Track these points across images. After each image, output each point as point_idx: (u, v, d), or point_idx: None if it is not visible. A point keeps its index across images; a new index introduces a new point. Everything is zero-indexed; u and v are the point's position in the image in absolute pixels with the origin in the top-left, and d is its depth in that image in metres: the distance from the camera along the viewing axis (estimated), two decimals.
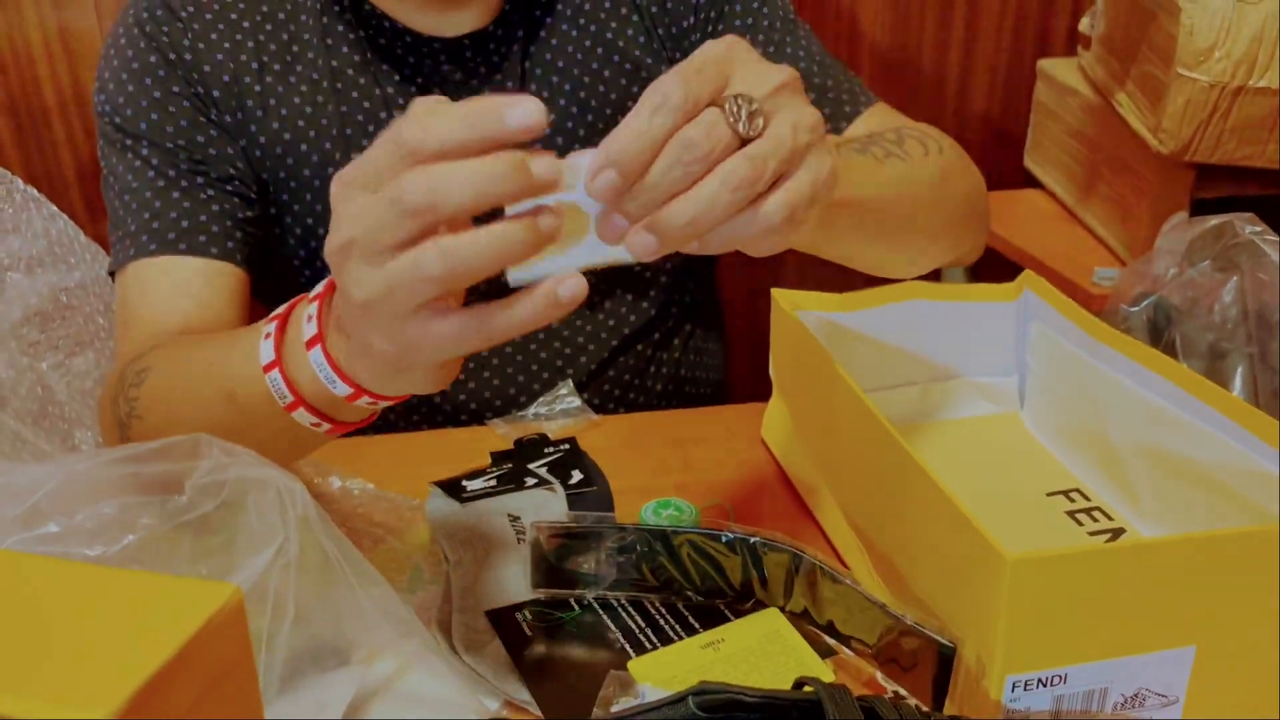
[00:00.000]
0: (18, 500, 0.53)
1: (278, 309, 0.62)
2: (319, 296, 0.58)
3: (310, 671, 0.56)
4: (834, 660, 0.62)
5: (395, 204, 0.49)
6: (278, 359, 0.60)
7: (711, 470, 0.83)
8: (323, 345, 0.57)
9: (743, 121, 0.51)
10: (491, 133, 0.48)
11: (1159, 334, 0.88)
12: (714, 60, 0.52)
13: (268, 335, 0.61)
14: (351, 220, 0.51)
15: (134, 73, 0.89)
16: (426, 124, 0.48)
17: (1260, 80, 1.16)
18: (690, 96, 0.50)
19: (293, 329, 0.60)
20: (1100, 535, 0.74)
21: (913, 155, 0.76)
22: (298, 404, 0.60)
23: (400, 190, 0.48)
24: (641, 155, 0.49)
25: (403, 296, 0.50)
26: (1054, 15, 1.69)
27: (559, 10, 0.95)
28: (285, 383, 0.60)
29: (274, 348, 0.60)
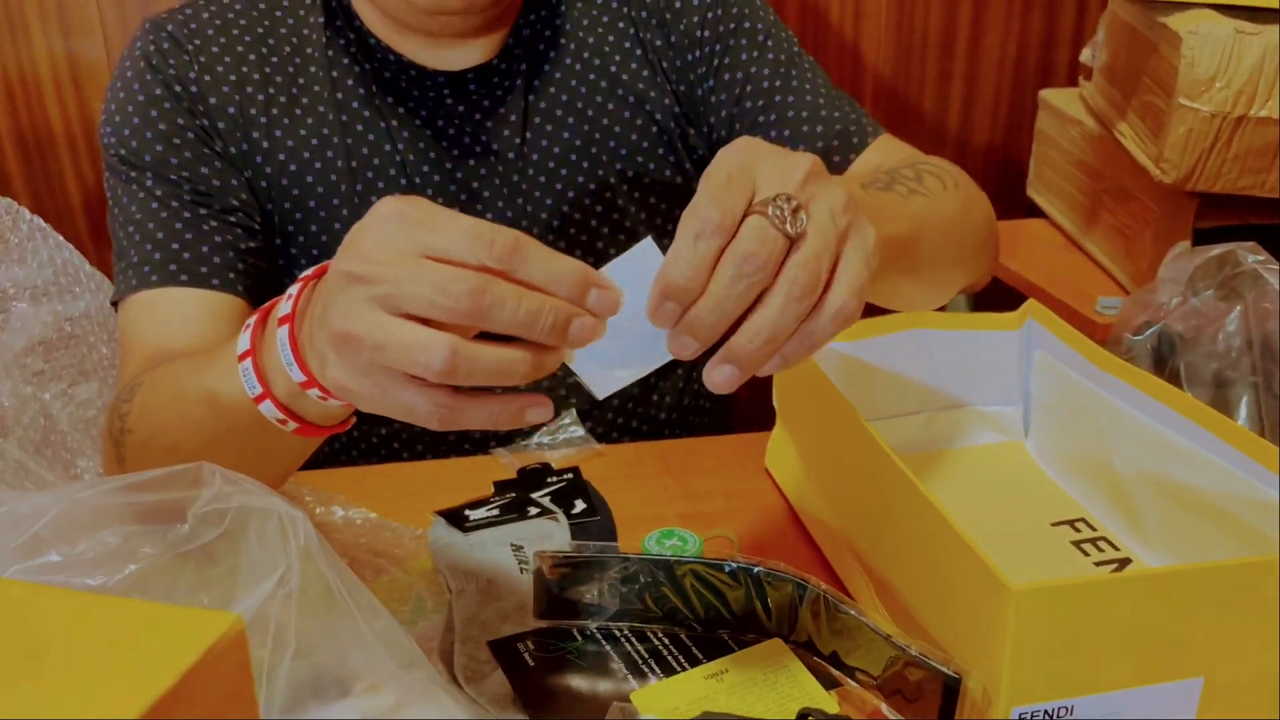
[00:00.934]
0: (19, 529, 0.53)
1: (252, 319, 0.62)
2: (307, 279, 0.58)
3: (311, 702, 0.56)
4: (839, 691, 0.62)
5: (449, 289, 0.49)
6: (252, 348, 0.60)
7: (715, 500, 0.83)
8: (291, 325, 0.57)
9: (788, 222, 0.51)
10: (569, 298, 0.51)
11: (1163, 363, 0.88)
12: (738, 169, 0.53)
13: (248, 326, 0.61)
14: (392, 261, 0.50)
15: (140, 105, 0.89)
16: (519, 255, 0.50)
17: (1261, 110, 1.16)
18: (727, 214, 0.51)
19: (272, 316, 0.60)
20: (1106, 565, 0.73)
21: (933, 191, 0.77)
22: (264, 396, 0.60)
23: (469, 285, 0.49)
24: (695, 281, 0.51)
25: (392, 357, 0.51)
26: (1055, 46, 1.70)
27: (563, 45, 0.96)
28: (255, 373, 0.60)
29: (250, 338, 0.60)
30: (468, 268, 0.50)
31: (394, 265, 0.50)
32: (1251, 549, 0.65)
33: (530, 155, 0.95)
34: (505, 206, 0.95)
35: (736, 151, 0.54)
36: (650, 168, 0.97)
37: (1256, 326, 0.85)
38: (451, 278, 0.49)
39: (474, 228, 0.50)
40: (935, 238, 0.75)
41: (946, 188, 0.79)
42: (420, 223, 0.51)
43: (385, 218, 0.52)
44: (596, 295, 0.52)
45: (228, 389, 0.62)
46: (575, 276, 0.51)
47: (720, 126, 0.97)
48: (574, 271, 0.51)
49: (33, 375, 1.08)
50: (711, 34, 0.96)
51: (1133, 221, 1.37)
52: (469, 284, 0.49)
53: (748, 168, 0.53)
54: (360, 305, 0.51)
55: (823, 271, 0.52)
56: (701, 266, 0.51)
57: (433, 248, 0.50)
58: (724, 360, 0.52)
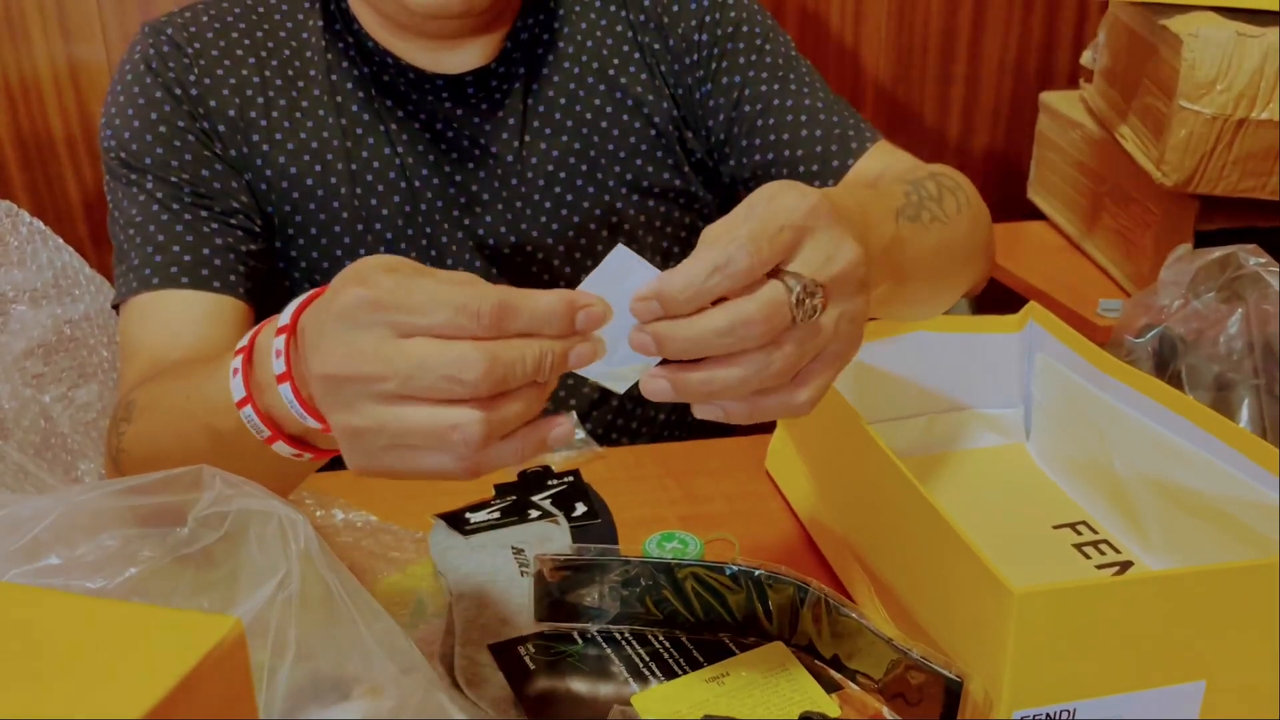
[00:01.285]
0: (19, 532, 0.53)
1: (243, 339, 0.61)
2: (285, 330, 0.56)
3: (311, 706, 0.56)
4: (840, 695, 0.62)
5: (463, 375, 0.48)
6: (249, 395, 0.59)
7: (716, 502, 0.83)
8: (292, 383, 0.56)
9: (804, 314, 0.51)
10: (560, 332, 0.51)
11: (1164, 365, 0.88)
12: (791, 226, 0.52)
13: (235, 371, 0.59)
14: (377, 357, 0.50)
15: (140, 108, 0.89)
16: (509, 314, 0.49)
17: (1262, 113, 1.16)
18: (756, 268, 0.51)
19: (259, 362, 0.59)
20: (1108, 568, 0.73)
21: (950, 215, 0.77)
22: (276, 437, 0.60)
23: (481, 367, 0.48)
24: (690, 304, 0.50)
25: (419, 440, 0.51)
26: (1056, 49, 1.70)
27: (561, 48, 0.96)
28: (260, 418, 0.59)
29: (243, 384, 0.59)
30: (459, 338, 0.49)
31: (390, 360, 0.49)
32: (1253, 552, 0.65)
33: (529, 158, 0.95)
34: (504, 209, 0.95)
35: (804, 207, 0.53)
36: (649, 171, 0.97)
37: (1258, 329, 0.85)
38: (460, 363, 0.49)
39: (454, 300, 0.49)
40: (943, 267, 0.76)
41: (961, 209, 0.79)
42: (395, 306, 0.50)
43: (354, 309, 0.51)
44: (584, 316, 0.52)
45: (227, 425, 0.61)
46: (560, 310, 0.51)
47: (718, 130, 0.97)
48: (558, 305, 0.51)
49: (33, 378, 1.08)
50: (709, 38, 0.96)
51: (1134, 224, 1.37)
52: (480, 366, 0.48)
53: (804, 229, 0.52)
54: (365, 402, 0.51)
55: (801, 365, 0.53)
56: (704, 296, 0.50)
57: (418, 330, 0.50)
58: (667, 378, 0.52)
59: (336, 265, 0.94)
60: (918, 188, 0.76)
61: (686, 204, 1.00)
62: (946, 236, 0.75)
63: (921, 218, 0.72)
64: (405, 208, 0.93)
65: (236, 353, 0.60)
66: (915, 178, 0.78)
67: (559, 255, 0.97)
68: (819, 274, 0.52)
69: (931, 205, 0.75)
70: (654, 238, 0.99)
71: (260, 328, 0.61)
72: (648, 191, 0.98)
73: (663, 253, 1.00)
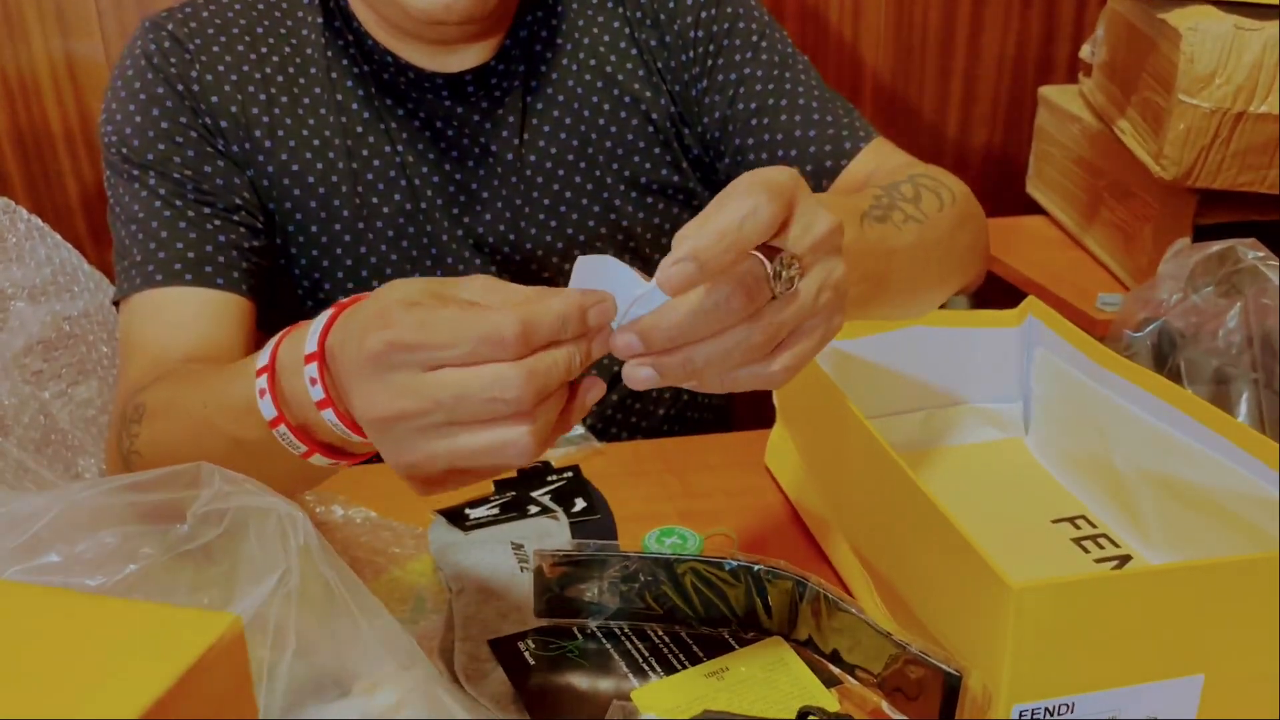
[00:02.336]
0: (19, 530, 0.53)
1: (260, 358, 0.60)
2: (314, 357, 0.57)
3: (311, 702, 0.56)
4: (839, 689, 0.62)
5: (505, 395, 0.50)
6: (281, 416, 0.59)
7: (715, 498, 0.83)
8: (335, 409, 0.57)
9: (781, 286, 0.52)
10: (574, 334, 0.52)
11: (1163, 359, 0.88)
12: (787, 188, 0.53)
13: (262, 392, 0.59)
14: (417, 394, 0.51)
15: (142, 103, 0.89)
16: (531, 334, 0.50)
17: (1261, 106, 1.16)
18: (779, 216, 0.51)
19: (286, 382, 0.59)
20: (1106, 562, 0.73)
21: (929, 214, 0.76)
22: (313, 450, 0.60)
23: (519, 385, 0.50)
24: (725, 256, 0.50)
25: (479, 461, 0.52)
26: (1055, 42, 1.70)
27: (559, 46, 0.95)
28: (295, 435, 0.59)
29: (273, 404, 0.59)
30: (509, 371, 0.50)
31: (430, 395, 0.50)
32: (1251, 545, 0.65)
33: (528, 156, 0.95)
34: (504, 208, 0.95)
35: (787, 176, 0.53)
36: (647, 168, 0.97)
37: (1256, 323, 0.85)
38: (499, 384, 0.50)
39: (477, 331, 0.50)
40: (920, 267, 0.75)
41: (943, 207, 0.79)
42: (421, 345, 0.50)
43: (383, 352, 0.51)
44: (595, 313, 0.53)
45: (254, 437, 0.61)
46: (574, 314, 0.52)
47: (714, 127, 0.96)
48: (571, 310, 0.52)
49: (32, 374, 1.08)
50: (705, 34, 0.96)
51: (1132, 218, 1.37)
52: (519, 384, 0.50)
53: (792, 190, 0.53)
54: (416, 438, 0.52)
55: (779, 338, 0.53)
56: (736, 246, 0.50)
57: (448, 363, 0.50)
58: (650, 364, 0.52)
59: (336, 263, 0.94)
60: (890, 190, 0.76)
61: (685, 201, 1.00)
62: (924, 236, 0.74)
63: (892, 218, 0.72)
64: (405, 206, 0.93)
65: (259, 372, 0.60)
66: (891, 181, 0.78)
67: (558, 253, 0.97)
68: (796, 245, 0.53)
69: (905, 205, 0.74)
70: (652, 234, 0.99)
71: (277, 344, 0.60)
72: (646, 188, 0.98)
73: (661, 250, 1.00)
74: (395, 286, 0.53)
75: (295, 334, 0.60)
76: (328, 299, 0.95)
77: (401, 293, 0.53)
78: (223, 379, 0.66)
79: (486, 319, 0.50)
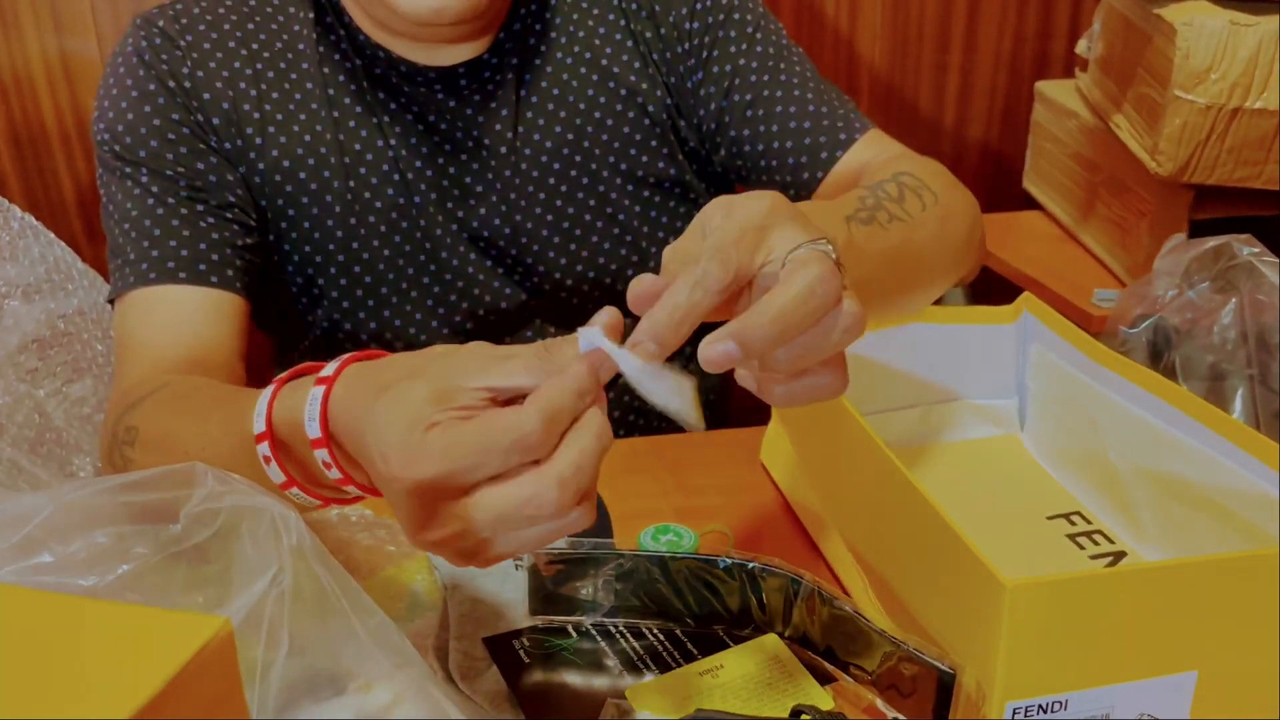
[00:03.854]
0: (11, 530, 0.53)
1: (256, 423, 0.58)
2: (322, 444, 0.55)
3: (305, 701, 0.56)
4: (833, 687, 0.62)
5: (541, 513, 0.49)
6: (290, 479, 0.58)
7: (711, 495, 0.83)
8: (355, 484, 0.57)
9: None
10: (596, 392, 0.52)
11: (1159, 356, 0.88)
12: (754, 228, 0.52)
13: (268, 459, 0.58)
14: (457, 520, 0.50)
15: (134, 100, 0.89)
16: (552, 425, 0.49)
17: (1257, 102, 1.16)
18: (728, 277, 0.51)
19: (297, 454, 0.58)
20: (1101, 559, 0.73)
21: (913, 214, 0.76)
22: (328, 503, 0.61)
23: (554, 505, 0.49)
24: (680, 329, 0.50)
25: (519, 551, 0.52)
26: (1051, 38, 1.70)
27: (553, 39, 0.95)
28: (308, 494, 0.59)
29: (281, 470, 0.58)
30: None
31: (469, 520, 0.50)
32: (1245, 542, 0.65)
33: (522, 150, 0.94)
34: (498, 202, 0.95)
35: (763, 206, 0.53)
36: (643, 160, 0.97)
37: (1252, 319, 0.85)
38: (536, 502, 0.49)
39: (501, 445, 0.49)
40: (910, 267, 0.75)
41: (927, 206, 0.78)
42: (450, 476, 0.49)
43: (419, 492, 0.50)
44: (605, 370, 0.52)
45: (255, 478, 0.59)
46: (589, 384, 0.51)
47: (709, 119, 0.96)
48: (586, 380, 0.51)
49: (26, 373, 1.07)
50: (700, 25, 0.95)
51: (1129, 213, 1.37)
52: (554, 497, 0.49)
53: (764, 228, 0.52)
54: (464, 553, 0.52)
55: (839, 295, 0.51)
56: (689, 315, 0.50)
57: (484, 481, 0.50)
58: (729, 337, 0.50)
59: (329, 259, 0.94)
60: (875, 190, 0.75)
61: (682, 194, 1.00)
62: (910, 235, 0.74)
63: (878, 219, 0.72)
64: (399, 200, 0.93)
65: (258, 439, 0.58)
66: (876, 180, 0.78)
67: (553, 247, 0.96)
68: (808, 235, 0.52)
69: (890, 205, 0.74)
70: (649, 228, 0.99)
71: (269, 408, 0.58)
72: (642, 181, 0.98)
73: (658, 243, 0.99)
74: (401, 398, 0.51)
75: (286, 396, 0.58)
76: (323, 295, 0.95)
77: (412, 413, 0.50)
78: (223, 423, 0.64)
79: (508, 427, 0.49)
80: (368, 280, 0.95)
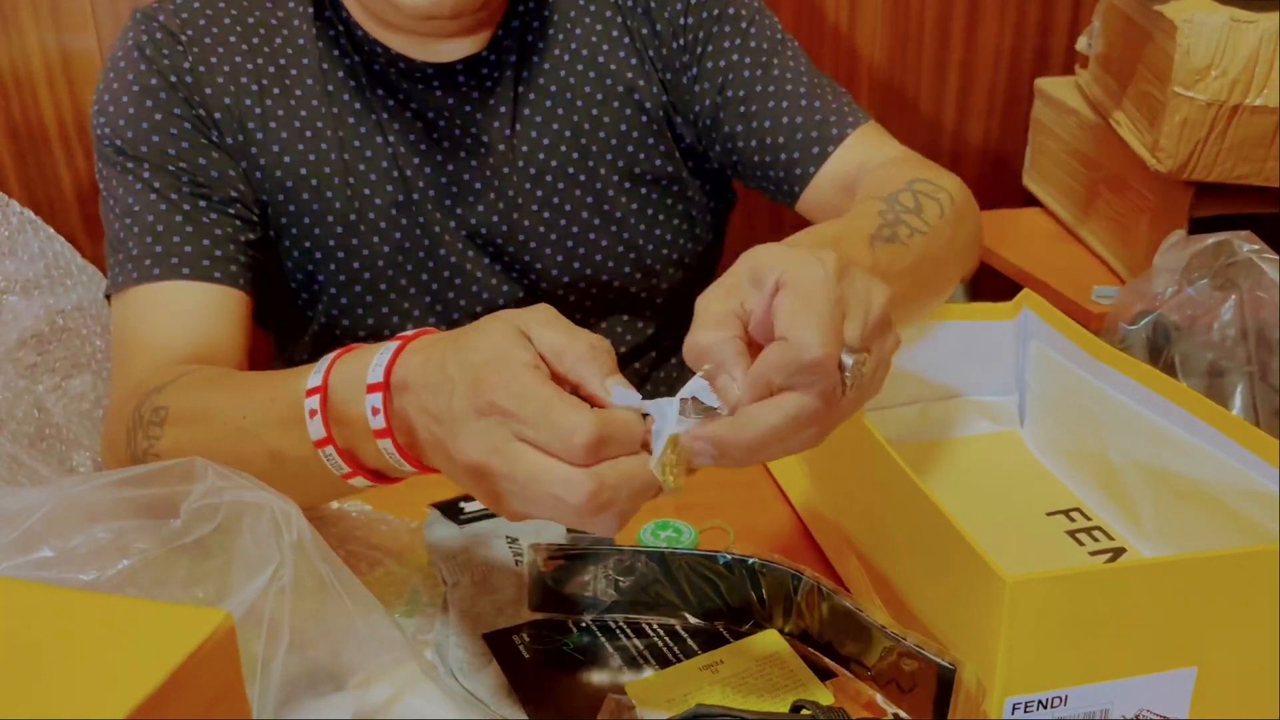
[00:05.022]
0: (12, 525, 0.53)
1: (311, 378, 0.61)
2: (379, 387, 0.57)
3: (306, 696, 0.56)
4: (833, 682, 0.62)
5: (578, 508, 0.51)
6: (329, 437, 0.60)
7: (711, 491, 0.83)
8: (393, 439, 0.58)
9: (850, 381, 0.53)
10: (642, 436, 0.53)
11: (1158, 352, 0.88)
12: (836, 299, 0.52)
13: (313, 413, 0.60)
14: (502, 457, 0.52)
15: (135, 95, 0.89)
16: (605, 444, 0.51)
17: (1257, 99, 1.16)
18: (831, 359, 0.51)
19: (341, 408, 0.59)
20: (1101, 555, 0.73)
21: (931, 223, 0.76)
22: (355, 473, 0.61)
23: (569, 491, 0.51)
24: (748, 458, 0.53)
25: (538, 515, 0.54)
26: (1051, 34, 1.69)
27: (551, 36, 0.95)
28: (341, 457, 0.60)
29: (323, 425, 0.60)
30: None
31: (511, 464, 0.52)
32: (1245, 538, 0.65)
33: (520, 147, 0.94)
34: (496, 199, 0.95)
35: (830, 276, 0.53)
36: (640, 157, 0.97)
37: (1251, 315, 0.85)
38: (565, 485, 0.51)
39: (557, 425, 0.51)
40: (927, 278, 0.76)
41: (943, 214, 0.78)
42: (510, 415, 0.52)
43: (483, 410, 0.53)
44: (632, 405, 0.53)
45: (296, 452, 0.62)
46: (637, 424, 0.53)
47: (704, 115, 0.96)
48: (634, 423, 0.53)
49: (26, 369, 1.07)
50: (694, 21, 0.95)
51: (1129, 210, 1.37)
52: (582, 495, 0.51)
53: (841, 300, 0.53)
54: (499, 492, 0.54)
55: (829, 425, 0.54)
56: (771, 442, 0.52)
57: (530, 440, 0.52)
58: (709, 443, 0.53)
59: (329, 255, 0.94)
60: (893, 204, 0.75)
61: (679, 191, 0.99)
62: (928, 247, 0.74)
63: (899, 235, 0.72)
64: (398, 197, 0.93)
65: (309, 392, 0.60)
66: (891, 191, 0.77)
67: (550, 244, 0.96)
68: (859, 336, 0.53)
69: (909, 219, 0.74)
70: (645, 225, 0.99)
71: (330, 367, 0.61)
72: (639, 178, 0.98)
73: (654, 240, 0.99)
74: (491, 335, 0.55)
75: (351, 358, 0.61)
76: (322, 291, 0.95)
77: (500, 342, 0.54)
78: (265, 391, 0.66)
79: (568, 416, 0.51)
80: (366, 276, 0.94)
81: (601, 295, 0.99)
